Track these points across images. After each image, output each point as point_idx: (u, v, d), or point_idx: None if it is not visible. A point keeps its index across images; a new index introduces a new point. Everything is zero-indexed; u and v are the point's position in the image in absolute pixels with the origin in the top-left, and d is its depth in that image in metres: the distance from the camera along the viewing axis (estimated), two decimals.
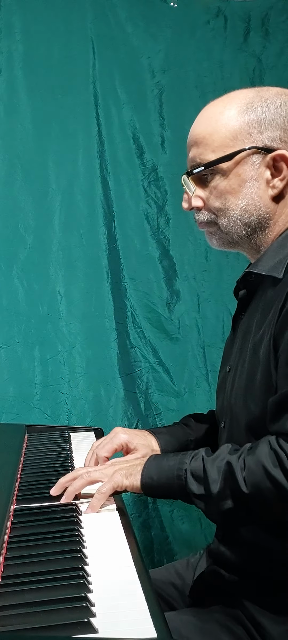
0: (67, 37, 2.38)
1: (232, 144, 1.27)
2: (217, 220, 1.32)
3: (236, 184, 1.28)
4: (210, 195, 1.31)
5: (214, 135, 1.29)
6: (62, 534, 1.11)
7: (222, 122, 1.29)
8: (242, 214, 1.29)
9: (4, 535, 1.08)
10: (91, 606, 0.86)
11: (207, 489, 1.16)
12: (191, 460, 1.21)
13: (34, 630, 0.82)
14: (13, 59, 2.33)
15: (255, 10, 2.49)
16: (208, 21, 2.47)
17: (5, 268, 2.30)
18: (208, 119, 1.31)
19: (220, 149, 1.28)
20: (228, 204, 1.29)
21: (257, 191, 1.28)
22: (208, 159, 1.29)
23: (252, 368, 1.25)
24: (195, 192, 1.33)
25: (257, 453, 1.12)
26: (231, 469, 1.14)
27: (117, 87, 2.40)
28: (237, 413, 1.28)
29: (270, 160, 1.27)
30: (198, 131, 1.32)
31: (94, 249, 2.36)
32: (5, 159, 2.32)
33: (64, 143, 2.36)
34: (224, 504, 1.15)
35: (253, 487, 1.11)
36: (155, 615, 0.85)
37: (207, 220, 1.34)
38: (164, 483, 1.23)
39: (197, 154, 1.31)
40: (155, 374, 2.38)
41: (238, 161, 1.27)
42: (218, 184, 1.29)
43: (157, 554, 2.31)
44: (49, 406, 2.29)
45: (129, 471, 1.26)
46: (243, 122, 1.28)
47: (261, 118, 1.27)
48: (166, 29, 2.45)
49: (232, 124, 1.28)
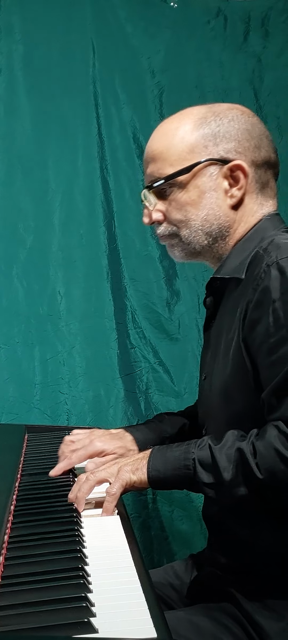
0: (67, 38, 2.38)
1: (190, 157, 1.33)
2: (178, 232, 1.36)
3: (195, 195, 1.33)
4: (170, 208, 1.36)
5: (171, 149, 1.34)
6: (62, 534, 1.11)
7: (179, 136, 1.34)
8: (203, 224, 1.33)
9: (4, 535, 1.08)
10: (91, 606, 0.86)
11: (217, 477, 1.17)
12: (197, 448, 1.21)
13: (34, 630, 0.82)
14: (13, 59, 2.33)
15: (255, 11, 2.48)
16: (208, 21, 2.47)
17: (5, 268, 2.30)
18: (165, 135, 1.36)
19: (177, 162, 1.33)
20: (189, 215, 1.34)
21: (216, 201, 1.33)
22: (167, 173, 1.34)
23: (225, 369, 1.27)
24: (156, 205, 1.37)
25: (266, 437, 1.13)
26: (243, 456, 1.14)
27: (117, 87, 2.40)
28: (216, 415, 1.30)
29: (227, 171, 1.32)
30: (155, 147, 1.37)
31: (94, 249, 2.36)
32: (5, 159, 2.32)
33: (63, 143, 2.36)
34: (238, 491, 1.15)
35: (267, 471, 1.12)
36: (155, 615, 0.85)
37: (169, 233, 1.38)
38: (172, 474, 1.23)
39: (156, 169, 1.36)
40: (155, 374, 2.38)
41: (196, 173, 1.32)
42: (177, 196, 1.34)
43: (156, 554, 2.31)
44: (48, 406, 2.29)
45: (134, 466, 1.26)
46: (198, 135, 1.33)
47: (215, 131, 1.33)
48: (166, 29, 2.44)
49: (188, 138, 1.33)
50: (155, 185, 1.35)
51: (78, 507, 1.24)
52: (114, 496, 1.23)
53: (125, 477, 1.24)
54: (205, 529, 2.27)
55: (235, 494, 1.16)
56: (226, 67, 2.47)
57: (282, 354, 1.14)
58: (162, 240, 1.40)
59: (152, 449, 1.28)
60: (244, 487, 1.15)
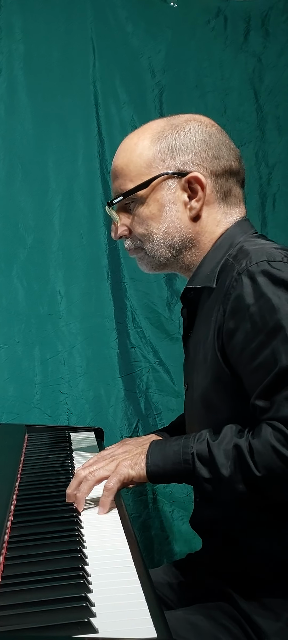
0: (68, 37, 2.38)
1: (148, 171, 1.34)
2: (143, 246, 1.39)
3: (156, 209, 1.35)
4: (133, 222, 1.38)
5: (130, 165, 1.36)
6: (62, 534, 1.11)
7: (137, 152, 1.36)
8: (164, 237, 1.35)
9: (4, 535, 1.08)
10: (91, 606, 0.86)
11: (216, 473, 1.17)
12: (196, 442, 1.21)
13: (34, 630, 0.82)
14: (13, 58, 2.33)
15: (255, 10, 2.49)
16: (209, 21, 2.47)
17: (5, 268, 2.30)
18: (125, 151, 1.38)
19: (137, 177, 1.35)
20: (150, 228, 1.36)
21: (176, 214, 1.35)
22: (127, 188, 1.36)
23: (204, 379, 1.29)
24: (120, 220, 1.40)
25: (262, 435, 1.13)
26: (240, 452, 1.15)
27: (117, 87, 2.40)
28: (200, 425, 1.30)
29: (185, 183, 1.33)
30: (116, 164, 1.39)
31: (94, 248, 2.36)
32: (5, 159, 2.32)
33: (64, 143, 2.36)
34: (237, 488, 1.15)
35: (265, 469, 1.12)
36: (155, 615, 0.85)
37: (134, 247, 1.41)
38: (171, 469, 1.23)
39: (118, 185, 1.38)
40: (156, 374, 2.38)
41: (155, 187, 1.34)
42: (139, 211, 1.36)
43: (157, 554, 2.31)
44: (49, 406, 2.29)
45: (133, 461, 1.26)
46: (155, 150, 1.35)
47: (172, 144, 1.34)
48: (166, 29, 2.45)
49: (145, 153, 1.35)
50: (115, 201, 1.38)
51: (78, 507, 1.24)
52: (110, 491, 1.23)
53: (123, 472, 1.24)
54: None
55: (233, 491, 1.16)
56: (226, 67, 2.47)
57: (264, 357, 1.15)
58: (130, 254, 1.43)
59: (151, 443, 1.28)
60: (242, 484, 1.15)
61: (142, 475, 1.25)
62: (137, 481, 1.26)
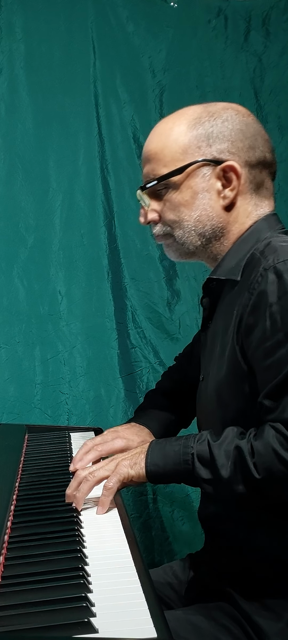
0: (68, 37, 2.38)
1: (183, 157, 1.32)
2: (172, 233, 1.36)
3: (188, 196, 1.33)
4: (164, 208, 1.36)
5: (165, 150, 1.34)
6: (62, 534, 1.10)
7: (172, 137, 1.34)
8: (195, 225, 1.33)
9: (4, 535, 1.08)
10: (91, 606, 0.86)
11: (215, 473, 1.17)
12: (196, 443, 1.21)
13: (34, 630, 0.82)
14: (14, 58, 2.33)
15: (256, 10, 2.48)
16: (209, 21, 2.47)
17: (6, 268, 2.30)
18: (159, 135, 1.36)
19: (171, 163, 1.33)
20: (182, 215, 1.34)
21: (209, 202, 1.33)
22: (161, 174, 1.34)
23: (220, 372, 1.28)
24: (150, 206, 1.37)
25: (264, 437, 1.13)
26: (241, 454, 1.15)
27: (117, 87, 2.40)
28: (212, 418, 1.30)
29: (220, 172, 1.32)
30: (150, 148, 1.37)
31: (94, 248, 2.36)
32: (6, 159, 2.32)
33: (64, 143, 2.36)
34: (236, 489, 1.15)
35: (265, 471, 1.12)
36: (155, 615, 0.85)
37: (164, 233, 1.38)
38: (170, 469, 1.23)
39: (150, 169, 1.36)
40: (156, 374, 2.37)
41: (190, 174, 1.32)
42: (171, 196, 1.34)
43: (157, 554, 2.31)
44: (49, 406, 2.29)
45: (132, 461, 1.26)
46: (192, 136, 1.33)
47: (209, 132, 1.33)
48: (167, 29, 2.44)
49: (181, 138, 1.33)
50: (148, 185, 1.36)
51: (77, 506, 1.24)
52: (110, 490, 1.23)
53: (122, 472, 1.24)
54: None
55: (233, 492, 1.16)
56: (227, 67, 2.46)
57: (278, 357, 1.14)
58: (158, 240, 1.41)
59: (151, 443, 1.28)
60: (242, 485, 1.15)
61: (141, 475, 1.25)
62: (137, 481, 1.26)
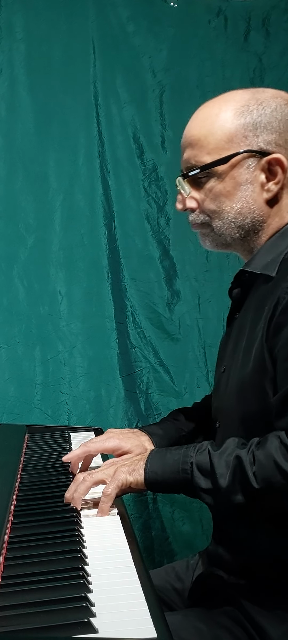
0: (68, 37, 2.38)
1: (228, 146, 1.27)
2: (211, 222, 1.32)
3: (231, 187, 1.28)
4: (205, 197, 1.31)
5: (209, 137, 1.28)
6: (62, 534, 1.10)
7: (218, 124, 1.28)
8: (236, 217, 1.29)
9: (4, 535, 1.08)
10: (91, 606, 0.86)
11: (214, 483, 1.15)
12: (196, 453, 1.20)
13: (34, 630, 0.81)
14: (14, 58, 2.33)
15: (256, 10, 2.48)
16: (209, 21, 2.47)
17: (6, 268, 2.30)
18: (204, 121, 1.31)
19: (215, 151, 1.28)
20: (222, 206, 1.29)
21: (252, 194, 1.28)
22: (204, 161, 1.29)
23: (244, 367, 1.24)
24: (190, 193, 1.32)
25: (267, 447, 1.12)
26: (241, 464, 1.13)
27: (117, 87, 2.40)
28: (231, 412, 1.28)
29: (265, 164, 1.27)
30: (193, 133, 1.31)
31: (94, 248, 2.36)
32: (6, 158, 2.32)
33: (64, 143, 2.36)
34: (234, 499, 1.14)
35: (264, 481, 1.11)
36: (155, 615, 0.85)
37: (201, 222, 1.33)
38: (169, 477, 1.21)
39: (192, 155, 1.31)
40: (156, 374, 2.37)
41: (234, 164, 1.27)
42: (213, 186, 1.29)
43: (157, 554, 2.31)
44: (49, 406, 2.29)
45: (131, 467, 1.24)
46: (239, 125, 1.27)
47: (257, 121, 1.27)
48: (167, 29, 2.44)
49: (227, 126, 1.28)
50: (190, 174, 1.30)
51: (76, 507, 1.23)
52: (109, 497, 1.22)
53: (121, 478, 1.23)
54: (207, 530, 2.29)
55: (231, 502, 1.15)
56: (227, 67, 2.46)
57: None
58: (194, 228, 1.36)
59: (151, 451, 1.27)
60: (240, 495, 1.13)
61: (139, 482, 1.23)
62: (135, 487, 1.25)
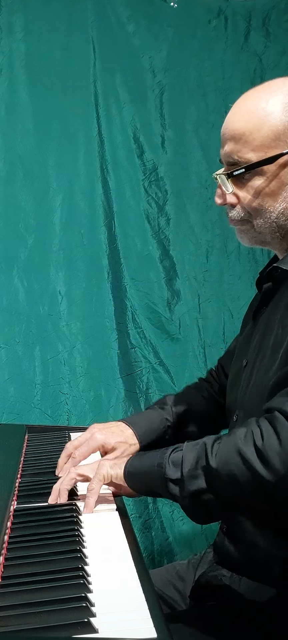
0: (68, 37, 2.38)
1: (274, 144, 1.22)
2: (251, 219, 1.27)
3: (276, 187, 1.23)
4: (247, 194, 1.26)
5: (255, 133, 1.22)
6: (62, 534, 1.10)
7: (265, 119, 1.22)
8: (278, 217, 1.25)
9: (4, 535, 1.08)
10: (91, 606, 0.86)
11: (181, 471, 1.13)
12: (173, 450, 1.18)
13: (34, 630, 0.81)
14: (14, 58, 2.33)
15: (256, 10, 2.49)
16: (210, 21, 2.47)
17: (6, 268, 2.30)
18: (250, 114, 1.23)
19: (260, 148, 1.22)
20: (266, 205, 1.25)
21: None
22: (248, 158, 1.23)
23: (270, 366, 1.22)
24: (232, 190, 1.27)
25: (234, 432, 1.10)
26: (205, 446, 1.11)
27: (117, 87, 2.40)
28: (252, 409, 1.25)
29: None
30: (237, 126, 1.24)
31: (94, 249, 2.36)
32: (6, 159, 2.32)
33: (64, 143, 2.36)
34: (193, 484, 1.11)
35: (221, 462, 1.08)
36: (155, 615, 0.85)
37: (241, 218, 1.28)
38: (145, 471, 1.21)
39: (235, 150, 1.24)
40: (156, 374, 2.37)
41: (280, 164, 1.22)
42: (257, 184, 1.24)
43: (157, 554, 2.31)
44: (49, 406, 2.28)
45: (114, 462, 1.26)
46: (287, 121, 1.21)
47: None
48: (167, 29, 2.45)
49: (275, 122, 1.21)
50: (235, 173, 1.24)
51: (60, 499, 1.25)
52: (92, 492, 1.22)
53: (102, 471, 1.23)
54: (206, 530, 2.28)
55: (191, 487, 1.12)
56: (227, 67, 2.47)
57: None
58: (232, 224, 1.31)
59: (138, 451, 1.28)
60: (201, 480, 1.11)
61: (119, 475, 1.23)
62: (115, 481, 1.24)
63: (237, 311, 2.41)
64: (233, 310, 2.39)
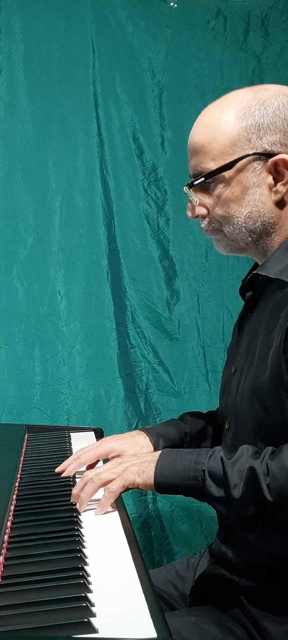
0: (68, 37, 2.38)
1: (232, 151, 1.26)
2: (222, 228, 1.30)
3: (238, 192, 1.26)
4: (214, 203, 1.30)
5: (213, 143, 1.27)
6: (62, 534, 1.10)
7: (220, 129, 1.26)
8: (246, 222, 1.27)
9: (4, 535, 1.08)
10: (91, 606, 0.86)
11: (227, 492, 1.12)
12: (209, 459, 1.17)
13: (34, 630, 0.81)
14: (13, 58, 2.33)
15: (255, 10, 2.49)
16: (208, 21, 2.48)
17: (5, 268, 2.30)
18: (206, 126, 1.29)
19: (219, 157, 1.26)
20: (231, 212, 1.28)
21: (260, 197, 1.26)
22: (209, 168, 1.27)
23: (259, 370, 1.23)
24: (198, 201, 1.31)
25: (281, 458, 1.09)
26: (254, 475, 1.10)
27: (117, 87, 2.40)
28: (243, 415, 1.26)
29: (272, 165, 1.25)
30: (197, 139, 1.29)
31: (94, 249, 2.36)
32: (5, 159, 2.32)
33: (64, 143, 2.36)
34: (246, 511, 1.11)
35: (277, 494, 1.08)
36: (155, 615, 0.85)
37: (212, 228, 1.32)
38: (179, 483, 1.18)
39: (198, 162, 1.29)
40: (155, 374, 2.38)
41: (240, 168, 1.25)
42: (221, 192, 1.28)
43: (157, 554, 2.31)
44: (49, 406, 2.29)
45: (141, 468, 1.21)
46: (241, 128, 1.25)
47: (259, 122, 1.25)
48: (166, 29, 2.45)
49: (230, 130, 1.26)
50: (196, 182, 1.29)
51: (80, 507, 1.22)
52: (113, 493, 1.20)
53: (129, 478, 1.21)
54: (206, 529, 2.29)
55: (243, 513, 1.12)
56: (226, 67, 2.47)
57: None
58: (207, 234, 1.34)
59: (161, 452, 1.23)
60: (253, 507, 1.11)
61: (148, 484, 1.20)
62: (143, 489, 1.23)
63: (237, 311, 2.39)
64: (233, 310, 2.39)
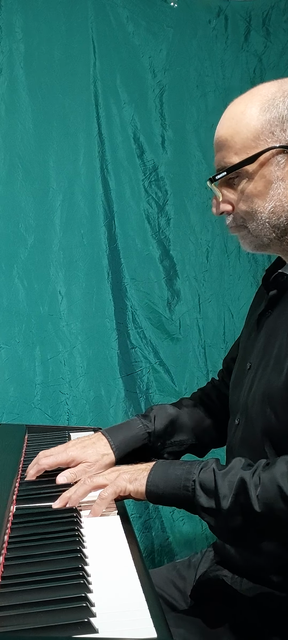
0: (68, 37, 2.38)
1: (255, 144, 1.23)
2: (246, 224, 1.28)
3: (262, 186, 1.24)
4: (238, 199, 1.27)
5: (236, 137, 1.24)
6: (62, 534, 1.10)
7: (243, 122, 1.24)
8: (270, 217, 1.24)
9: (4, 535, 1.08)
10: (91, 606, 0.86)
11: (217, 503, 1.12)
12: (200, 471, 1.17)
13: (34, 630, 0.81)
14: (14, 58, 2.33)
15: (256, 10, 2.49)
16: (210, 21, 2.48)
17: (6, 268, 2.30)
18: (230, 120, 1.26)
19: (242, 150, 1.24)
20: (255, 207, 1.25)
21: (284, 191, 1.23)
22: (232, 162, 1.25)
23: (274, 374, 1.22)
24: (223, 196, 1.28)
25: (273, 471, 1.08)
26: (244, 486, 1.10)
27: (117, 87, 2.40)
28: (253, 416, 1.26)
29: None
30: (221, 133, 1.27)
31: (94, 248, 2.36)
32: (6, 159, 2.32)
33: (64, 143, 2.36)
34: (234, 521, 1.11)
35: (266, 506, 1.07)
36: (155, 615, 0.85)
37: (237, 225, 1.29)
38: (170, 493, 1.18)
39: (221, 157, 1.27)
40: (156, 374, 2.38)
41: (263, 162, 1.23)
42: (244, 187, 1.25)
43: (157, 554, 2.31)
44: (49, 406, 2.29)
45: (133, 476, 1.22)
46: (264, 120, 1.23)
47: (283, 114, 1.22)
48: (167, 29, 2.45)
49: (253, 123, 1.23)
50: (217, 177, 1.26)
51: (70, 506, 1.22)
52: (104, 500, 1.20)
53: (120, 485, 1.21)
54: (206, 530, 2.29)
55: (231, 524, 1.11)
56: (227, 67, 2.47)
57: None
58: (232, 231, 1.32)
59: (156, 462, 1.23)
60: (241, 518, 1.10)
61: (139, 492, 1.21)
62: (134, 496, 1.22)
63: (237, 311, 2.41)
64: (234, 310, 2.39)
